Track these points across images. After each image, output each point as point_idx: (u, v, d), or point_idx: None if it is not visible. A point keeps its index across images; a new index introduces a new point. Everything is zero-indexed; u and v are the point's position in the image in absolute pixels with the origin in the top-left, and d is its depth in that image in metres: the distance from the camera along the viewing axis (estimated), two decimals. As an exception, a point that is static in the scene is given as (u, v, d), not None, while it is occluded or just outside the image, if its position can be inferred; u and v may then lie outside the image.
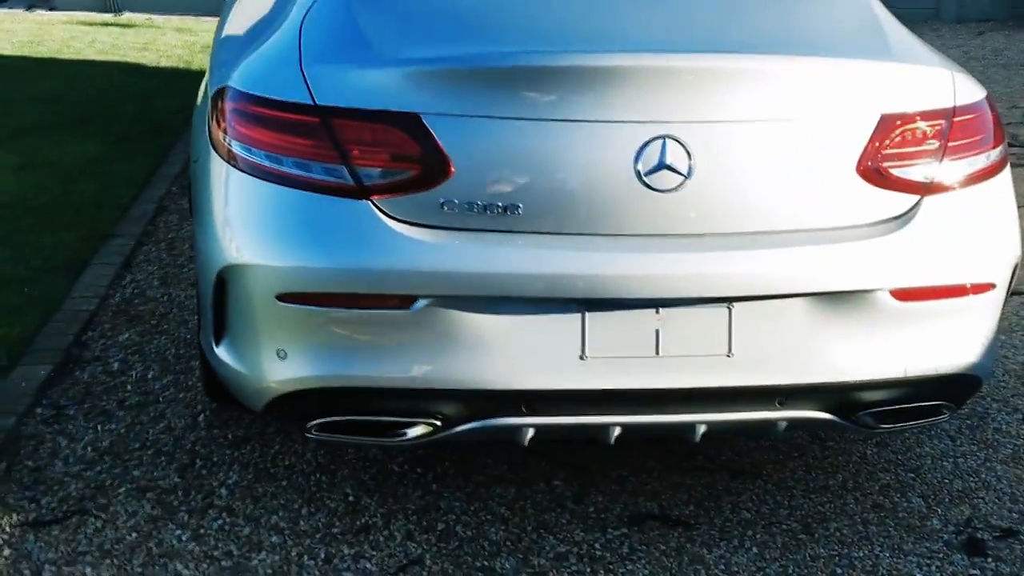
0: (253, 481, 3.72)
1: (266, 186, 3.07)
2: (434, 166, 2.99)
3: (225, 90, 3.26)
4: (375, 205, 3.01)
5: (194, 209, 3.52)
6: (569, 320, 3.03)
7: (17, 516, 3.51)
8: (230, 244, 3.12)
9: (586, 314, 3.03)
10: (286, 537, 3.46)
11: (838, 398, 3.19)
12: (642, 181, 2.99)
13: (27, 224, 5.77)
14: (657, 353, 3.07)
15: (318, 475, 3.76)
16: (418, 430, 3.13)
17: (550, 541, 3.47)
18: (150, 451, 3.88)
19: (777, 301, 3.08)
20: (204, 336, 3.44)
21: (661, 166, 2.99)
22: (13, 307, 4.83)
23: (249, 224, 3.11)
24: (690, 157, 3.00)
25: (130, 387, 4.28)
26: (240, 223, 3.12)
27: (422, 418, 3.11)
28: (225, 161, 3.17)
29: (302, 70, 3.11)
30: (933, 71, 3.28)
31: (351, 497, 3.65)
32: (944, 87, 3.25)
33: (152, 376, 4.35)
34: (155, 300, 4.99)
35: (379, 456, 3.84)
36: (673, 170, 2.99)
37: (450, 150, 2.98)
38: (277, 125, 3.09)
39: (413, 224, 3.00)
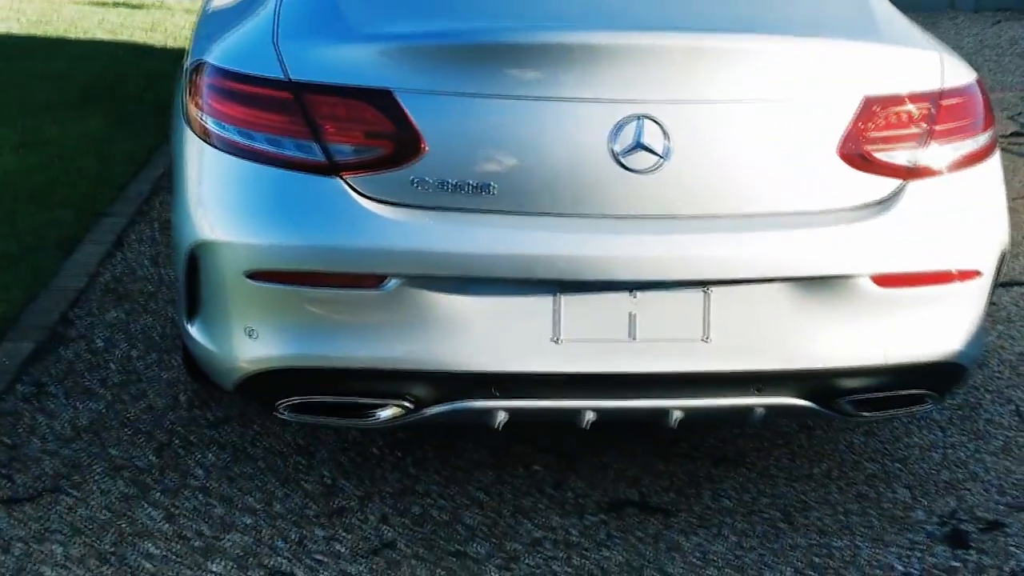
0: (230, 462, 3.69)
1: (237, 162, 3.03)
2: (406, 143, 2.94)
3: (201, 65, 3.22)
4: (346, 183, 2.96)
5: (172, 185, 3.48)
6: (542, 302, 2.98)
7: (-10, 493, 3.49)
8: (200, 220, 3.09)
9: (560, 296, 2.98)
10: (259, 518, 3.42)
11: (817, 385, 3.13)
12: (617, 161, 2.94)
13: (22, 202, 5.74)
14: (632, 337, 3.01)
15: (296, 457, 3.72)
16: (389, 412, 3.08)
17: (526, 526, 3.42)
18: (128, 430, 3.85)
19: (755, 285, 3.02)
20: (179, 314, 3.40)
21: (637, 146, 2.93)
22: (1, 284, 4.80)
23: (219, 200, 3.07)
24: (667, 137, 2.94)
25: (113, 365, 4.25)
26: (210, 199, 3.09)
27: (393, 400, 3.07)
28: (198, 136, 3.14)
29: (276, 46, 3.07)
30: (920, 53, 3.22)
31: (328, 479, 3.61)
32: (932, 70, 3.19)
33: (136, 355, 4.32)
34: (144, 279, 4.96)
35: (359, 438, 3.80)
36: (649, 150, 2.94)
37: (423, 127, 2.93)
38: (250, 100, 3.05)
39: (384, 202, 2.96)
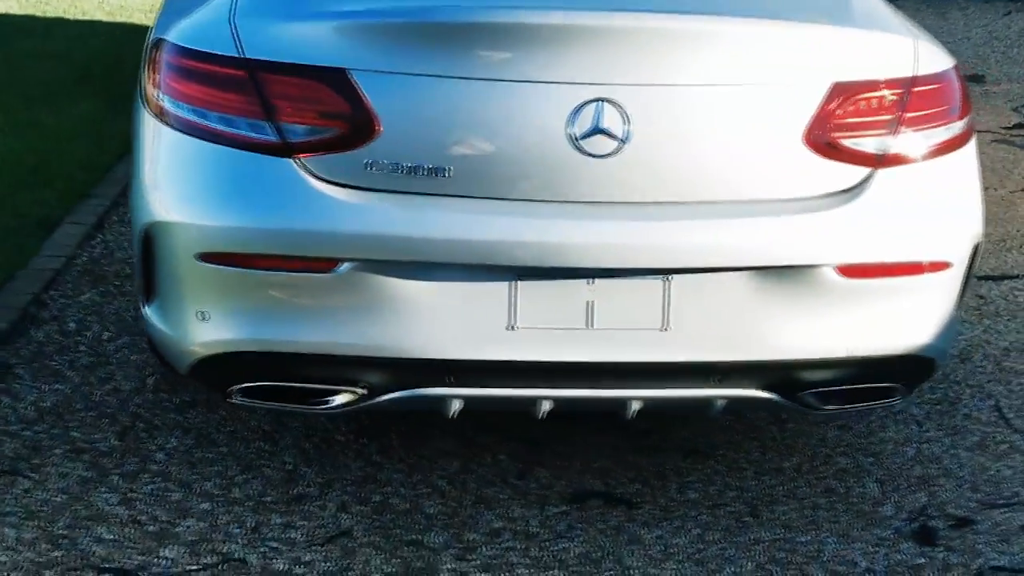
0: (193, 446, 3.64)
1: (190, 141, 2.98)
2: (360, 124, 2.89)
3: (159, 43, 3.17)
4: (299, 163, 2.91)
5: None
6: (498, 288, 2.92)
7: (-54, 474, 3.45)
8: (154, 201, 3.04)
9: (516, 283, 2.92)
10: (216, 504, 3.37)
11: (779, 377, 3.07)
12: (575, 145, 2.87)
13: (7, 182, 5.70)
14: (589, 325, 2.95)
15: (260, 442, 3.67)
16: (342, 398, 3.03)
17: (486, 516, 3.37)
18: (93, 413, 3.81)
19: (716, 274, 2.96)
20: (137, 296, 3.35)
21: (595, 130, 2.87)
22: (-22, 265, 4.77)
23: (171, 180, 3.02)
24: (627, 122, 2.88)
25: (83, 348, 4.21)
26: (163, 179, 3.04)
27: (346, 386, 3.02)
28: (153, 114, 3.09)
29: (233, 23, 3.01)
30: (893, 39, 3.14)
31: (289, 465, 3.56)
32: (904, 56, 3.11)
33: (107, 337, 4.28)
34: (122, 261, 4.91)
35: (325, 425, 3.75)
36: (608, 134, 2.87)
37: (378, 108, 2.88)
38: (204, 78, 3.00)
39: (338, 184, 2.90)
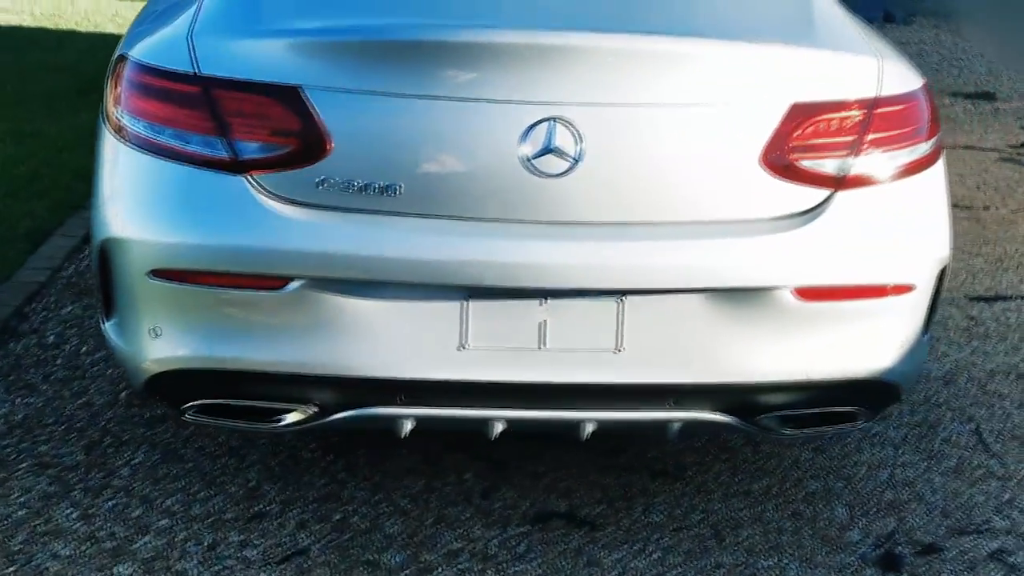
0: (158, 462, 3.63)
1: (145, 158, 2.97)
2: (312, 142, 2.87)
3: (120, 59, 3.17)
4: (251, 181, 2.89)
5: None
6: (449, 308, 2.90)
7: (-92, 488, 3.45)
8: (109, 217, 3.03)
9: (467, 302, 2.90)
10: (176, 521, 3.36)
11: (737, 400, 3.03)
12: (527, 165, 2.85)
13: (1, 192, 5.72)
14: (542, 346, 2.93)
15: (226, 458, 3.66)
16: (294, 416, 3.02)
17: (446, 537, 3.34)
18: (62, 427, 3.81)
19: (671, 296, 2.92)
20: (98, 312, 3.35)
21: (547, 150, 2.84)
22: (-36, 276, 4.78)
23: (125, 196, 3.02)
24: (580, 141, 2.85)
25: (60, 361, 4.21)
26: (118, 195, 3.03)
27: (297, 404, 3.00)
28: (111, 130, 3.08)
29: (191, 40, 3.00)
30: (855, 59, 3.10)
31: (252, 483, 3.54)
32: (867, 76, 3.07)
33: (85, 351, 4.28)
34: (106, 274, 4.90)
35: (292, 442, 3.73)
36: (560, 154, 2.85)
37: (329, 126, 2.86)
38: (160, 95, 2.99)
39: (289, 201, 2.88)
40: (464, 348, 2.91)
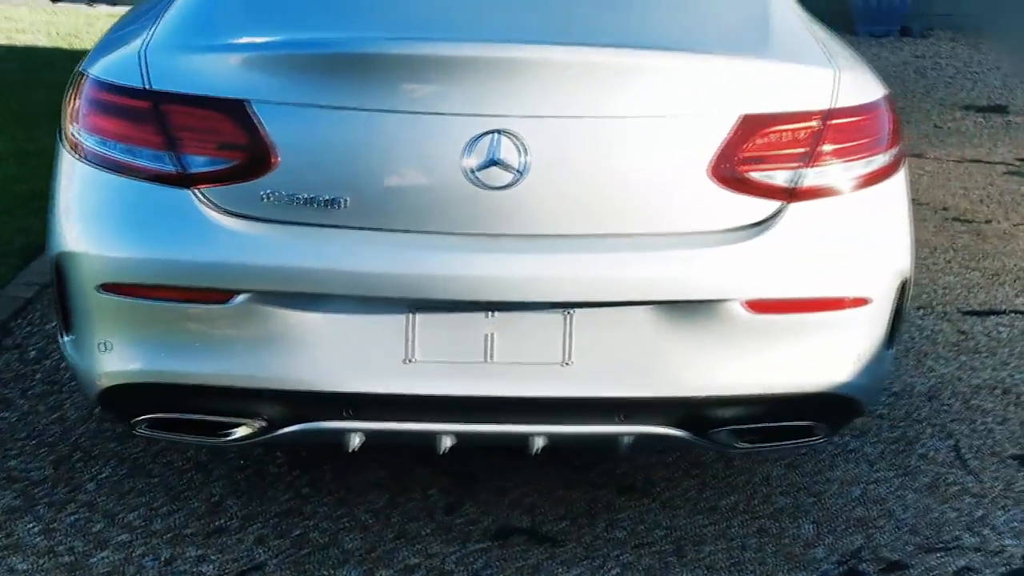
0: (125, 476, 3.64)
1: (95, 172, 2.99)
2: (258, 155, 2.87)
3: (78, 76, 3.19)
4: (198, 194, 2.90)
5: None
6: (395, 321, 2.89)
7: None
8: (62, 231, 3.05)
9: (413, 315, 2.89)
10: (135, 536, 3.36)
11: (688, 414, 3.00)
12: (471, 177, 2.83)
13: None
14: (488, 359, 2.91)
15: (193, 473, 3.66)
16: (243, 431, 3.01)
17: (404, 553, 3.32)
18: (34, 441, 3.82)
19: (619, 309, 2.90)
20: (57, 326, 3.36)
21: (491, 162, 2.83)
22: (-48, 292, 4.82)
23: (76, 211, 3.03)
24: (524, 153, 2.84)
25: (39, 376, 4.23)
26: (70, 210, 3.05)
27: (245, 418, 2.99)
28: (66, 145, 3.10)
29: (144, 56, 3.01)
30: (809, 70, 3.07)
31: (215, 497, 3.54)
32: (822, 87, 3.04)
33: (65, 366, 4.28)
34: (93, 289, 4.92)
35: (260, 456, 3.73)
36: (504, 166, 2.83)
37: (275, 139, 2.86)
38: (112, 110, 3.00)
39: (235, 215, 2.88)
40: (411, 362, 2.90)
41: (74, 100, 3.13)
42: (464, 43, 2.89)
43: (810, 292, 2.97)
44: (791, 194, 2.96)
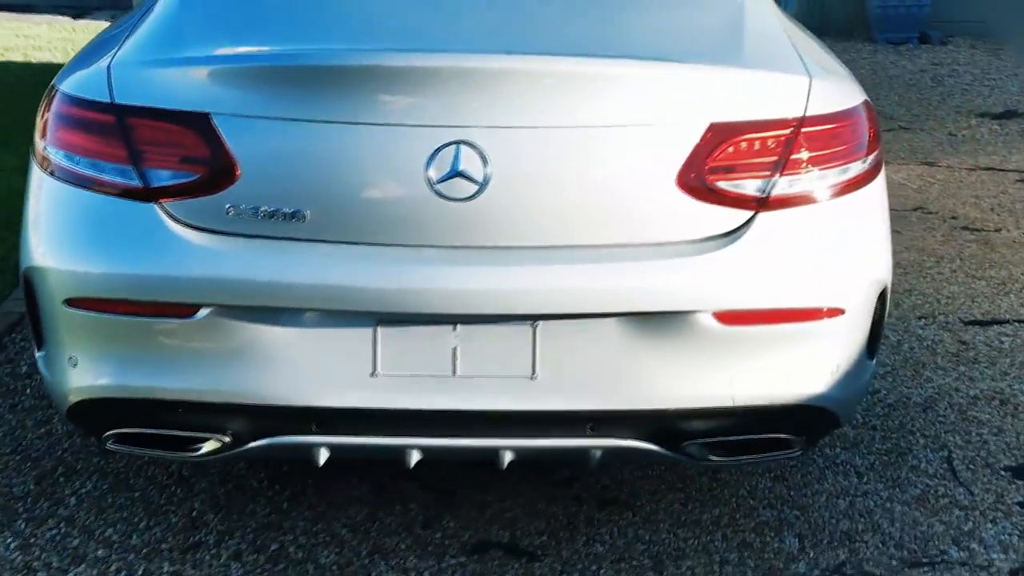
0: (106, 491, 3.63)
1: (61, 187, 2.99)
2: (221, 169, 2.86)
3: (49, 91, 3.19)
4: (162, 208, 2.88)
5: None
6: (360, 335, 2.86)
7: None
8: (31, 246, 3.05)
9: (378, 329, 2.86)
10: (112, 551, 3.35)
11: (659, 427, 2.96)
12: (434, 189, 2.81)
13: None
14: (454, 372, 2.88)
15: (174, 487, 3.65)
16: (210, 445, 2.99)
17: (379, 567, 3.30)
18: (19, 456, 3.82)
19: (585, 321, 2.86)
20: (32, 341, 3.35)
21: (454, 173, 2.80)
22: (-52, 307, 4.83)
23: (44, 226, 3.03)
24: (487, 165, 2.81)
25: (29, 391, 4.24)
26: (38, 225, 3.06)
27: (212, 433, 2.97)
28: (36, 160, 3.10)
29: (110, 70, 3.01)
30: (781, 77, 3.02)
31: (195, 512, 3.52)
32: (794, 95, 2.99)
33: (54, 381, 4.28)
34: (88, 304, 4.93)
35: (242, 470, 3.71)
36: (467, 178, 2.80)
37: (238, 152, 2.84)
38: (78, 124, 3.00)
39: (198, 229, 2.87)
40: (376, 375, 2.87)
41: (44, 115, 3.13)
42: (426, 54, 2.87)
43: (781, 303, 2.92)
44: (762, 203, 2.92)
